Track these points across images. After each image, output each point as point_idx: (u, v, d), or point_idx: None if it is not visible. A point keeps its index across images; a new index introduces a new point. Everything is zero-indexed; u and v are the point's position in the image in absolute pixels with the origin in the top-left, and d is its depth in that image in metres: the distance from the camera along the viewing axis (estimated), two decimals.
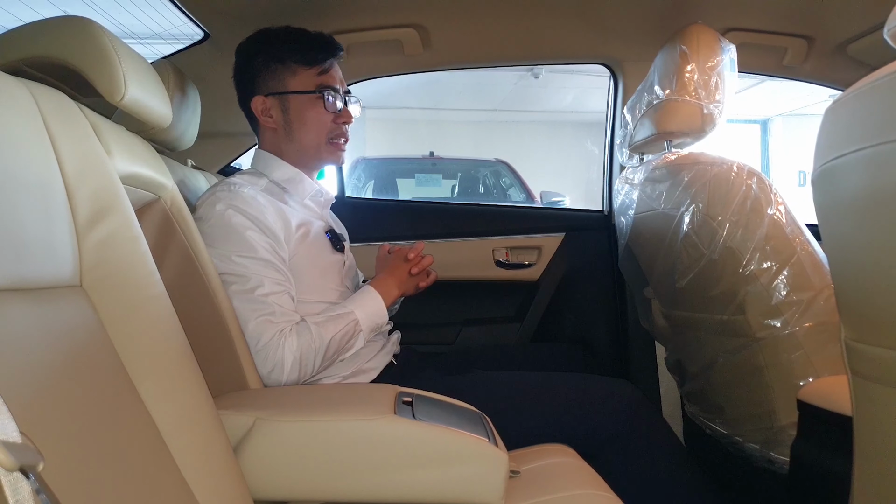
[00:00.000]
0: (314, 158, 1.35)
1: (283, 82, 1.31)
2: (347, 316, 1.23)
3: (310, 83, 1.31)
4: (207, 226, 1.16)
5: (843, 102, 0.70)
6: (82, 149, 0.77)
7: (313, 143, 1.33)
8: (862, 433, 0.78)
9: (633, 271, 1.75)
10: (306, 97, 1.31)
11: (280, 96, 1.31)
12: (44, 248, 0.66)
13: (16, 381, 0.54)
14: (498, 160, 6.31)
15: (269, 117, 1.33)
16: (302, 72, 1.31)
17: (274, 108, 1.32)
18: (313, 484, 0.88)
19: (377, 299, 1.29)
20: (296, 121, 1.32)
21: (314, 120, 1.31)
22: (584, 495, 0.96)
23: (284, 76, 1.31)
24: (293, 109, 1.31)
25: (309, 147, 1.33)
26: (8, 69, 0.78)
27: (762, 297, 1.23)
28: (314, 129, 1.32)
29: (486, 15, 1.76)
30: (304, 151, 1.34)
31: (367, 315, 1.26)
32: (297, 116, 1.31)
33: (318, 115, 1.31)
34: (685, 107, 1.40)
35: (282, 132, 1.33)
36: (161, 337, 0.78)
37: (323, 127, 1.32)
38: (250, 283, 1.14)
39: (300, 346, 1.13)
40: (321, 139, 1.33)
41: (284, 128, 1.32)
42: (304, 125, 1.31)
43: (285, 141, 1.33)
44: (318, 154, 1.34)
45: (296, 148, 1.33)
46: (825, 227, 0.77)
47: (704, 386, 1.50)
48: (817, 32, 1.76)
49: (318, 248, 1.31)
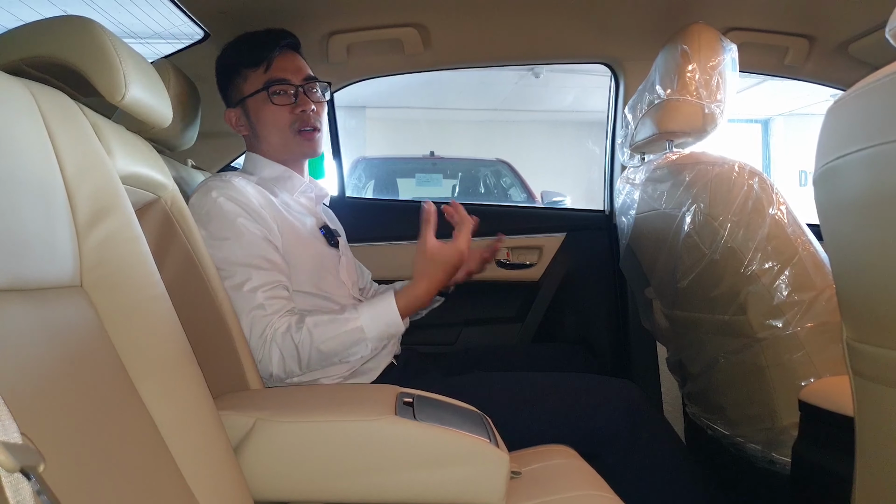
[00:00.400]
0: (288, 153, 1.36)
1: (238, 90, 1.35)
2: (351, 321, 1.16)
3: (258, 82, 1.32)
4: (203, 212, 1.18)
5: (844, 102, 0.70)
6: (83, 149, 0.76)
7: (279, 139, 1.34)
8: (864, 434, 0.78)
9: (635, 271, 1.75)
10: (258, 98, 1.32)
11: (241, 104, 1.35)
12: (44, 249, 0.66)
13: (16, 382, 0.54)
14: (499, 160, 6.31)
15: (241, 126, 1.37)
16: (251, 74, 1.33)
17: (240, 117, 1.36)
18: (314, 484, 0.88)
19: (391, 308, 1.18)
20: (257, 122, 1.34)
21: (270, 117, 1.33)
22: (586, 496, 0.96)
23: (239, 84, 1.34)
24: (252, 112, 1.34)
25: (278, 144, 1.35)
26: (8, 69, 0.78)
27: (764, 297, 1.23)
28: (273, 126, 1.33)
29: (487, 14, 1.76)
30: (276, 149, 1.35)
31: (375, 323, 1.17)
32: (256, 118, 1.34)
33: (272, 111, 1.32)
34: (686, 106, 1.39)
35: (252, 138, 1.37)
36: (161, 337, 0.78)
37: (281, 122, 1.33)
38: (237, 277, 1.15)
39: (285, 342, 1.13)
40: (285, 133, 1.34)
41: (252, 132, 1.36)
42: (264, 126, 1.34)
43: (258, 144, 1.36)
44: (289, 148, 1.35)
45: (268, 149, 1.36)
46: (827, 227, 0.77)
47: (706, 386, 1.50)
48: (819, 32, 1.76)
49: (311, 242, 1.31)
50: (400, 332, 1.20)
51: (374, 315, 1.17)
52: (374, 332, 1.17)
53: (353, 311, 1.18)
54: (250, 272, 1.15)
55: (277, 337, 1.13)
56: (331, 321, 1.16)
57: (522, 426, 1.11)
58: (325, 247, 1.35)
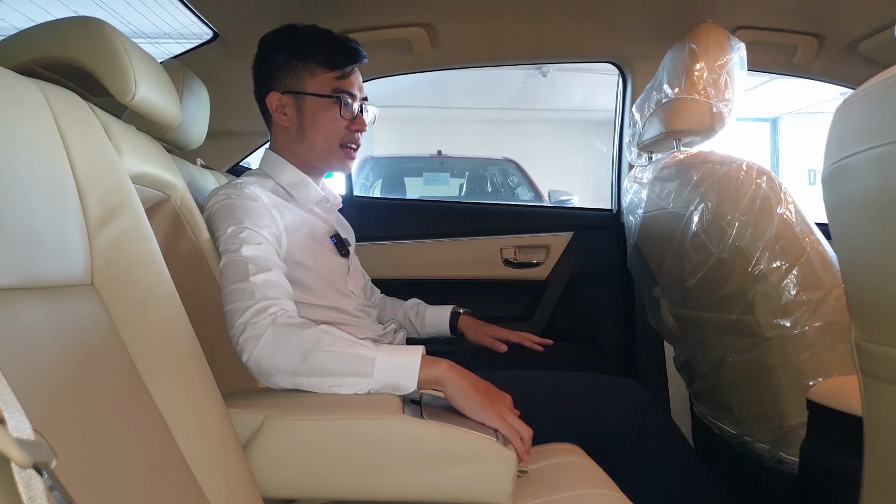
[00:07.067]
0: (323, 162, 1.34)
1: (301, 82, 1.30)
2: (365, 350, 0.99)
3: (327, 86, 1.30)
4: (212, 213, 1.17)
5: (853, 101, 0.70)
6: (93, 148, 0.77)
7: (324, 146, 1.32)
8: (872, 433, 0.77)
9: (642, 270, 1.75)
10: (323, 100, 1.30)
11: (296, 95, 1.30)
12: (56, 248, 0.67)
13: (29, 379, 0.55)
14: (506, 159, 6.30)
15: (283, 115, 1.32)
16: (321, 74, 1.30)
17: (289, 107, 1.31)
18: (322, 482, 0.89)
19: (413, 362, 0.98)
20: (309, 122, 1.31)
21: (327, 123, 1.30)
22: (592, 495, 0.96)
23: (303, 76, 1.30)
24: (308, 110, 1.30)
25: (320, 150, 1.32)
26: (20, 69, 0.79)
27: (771, 296, 1.22)
28: (326, 132, 1.31)
29: (495, 14, 1.76)
30: (315, 154, 1.33)
31: (388, 366, 0.97)
32: (310, 118, 1.30)
33: (333, 119, 1.30)
34: (694, 105, 1.39)
35: (294, 131, 1.32)
36: (171, 335, 0.79)
37: (335, 131, 1.31)
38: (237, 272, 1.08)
39: (287, 327, 1.00)
40: (332, 143, 1.32)
41: (297, 127, 1.32)
42: (316, 127, 1.31)
43: (297, 140, 1.32)
44: (328, 158, 1.33)
45: (306, 149, 1.32)
46: (835, 227, 0.77)
47: (713, 386, 1.50)
48: (827, 30, 1.75)
49: (321, 251, 1.30)
50: (410, 388, 0.98)
51: (393, 359, 0.98)
52: (381, 374, 0.97)
53: (374, 347, 1.00)
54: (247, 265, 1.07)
55: (281, 318, 1.00)
56: (347, 336, 1.02)
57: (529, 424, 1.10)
58: (336, 256, 1.34)
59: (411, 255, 2.06)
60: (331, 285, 1.29)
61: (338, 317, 1.28)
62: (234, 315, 1.01)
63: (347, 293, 1.33)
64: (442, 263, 2.06)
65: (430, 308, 1.60)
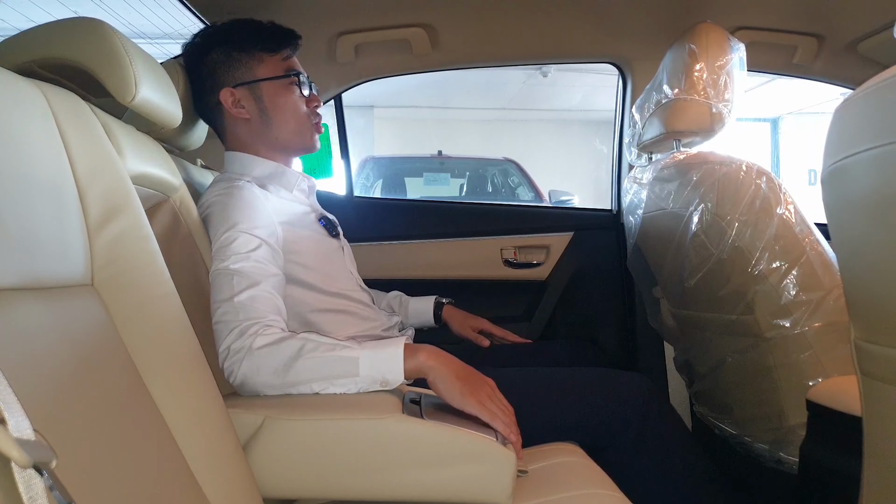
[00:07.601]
0: (296, 143, 1.33)
1: (251, 71, 1.29)
2: (347, 351, 0.98)
3: (279, 69, 1.30)
4: (207, 214, 1.16)
5: (853, 101, 0.70)
6: (94, 149, 0.77)
7: (294, 126, 1.31)
8: (871, 434, 0.77)
9: (642, 271, 1.75)
10: (279, 83, 1.29)
11: (250, 85, 1.28)
12: (56, 248, 0.67)
13: (29, 380, 0.55)
14: (506, 159, 6.30)
15: (241, 108, 1.29)
16: (268, 59, 1.29)
17: (244, 99, 1.29)
18: (321, 482, 0.89)
19: (396, 355, 0.98)
20: (271, 107, 1.29)
21: (291, 104, 1.30)
22: (592, 495, 0.96)
23: (251, 65, 1.29)
24: (266, 96, 1.29)
25: (291, 131, 1.31)
26: (21, 70, 0.79)
27: (771, 296, 1.22)
28: (293, 112, 1.30)
29: (495, 14, 1.76)
30: (286, 137, 1.31)
31: (372, 363, 0.97)
32: (271, 102, 1.29)
33: (294, 99, 1.30)
34: (694, 106, 1.39)
35: (257, 122, 1.30)
36: (171, 335, 0.79)
37: (300, 110, 1.31)
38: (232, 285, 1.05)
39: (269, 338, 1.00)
40: (302, 121, 1.31)
41: (260, 117, 1.29)
42: (280, 110, 1.30)
43: (262, 130, 1.30)
44: (300, 138, 1.32)
45: (275, 135, 1.31)
46: (835, 227, 0.77)
47: (713, 386, 1.50)
48: (827, 31, 1.75)
49: (313, 236, 1.29)
50: (398, 381, 0.98)
51: (376, 356, 0.98)
52: (367, 372, 0.97)
53: (356, 347, 0.99)
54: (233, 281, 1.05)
55: (261, 337, 0.98)
56: (328, 340, 1.01)
57: (531, 420, 1.10)
58: (328, 238, 1.33)
59: (411, 256, 2.06)
60: (328, 266, 1.28)
61: (346, 304, 1.27)
62: (220, 335, 1.00)
63: (346, 274, 1.33)
64: (442, 264, 2.06)
65: (413, 299, 1.61)
